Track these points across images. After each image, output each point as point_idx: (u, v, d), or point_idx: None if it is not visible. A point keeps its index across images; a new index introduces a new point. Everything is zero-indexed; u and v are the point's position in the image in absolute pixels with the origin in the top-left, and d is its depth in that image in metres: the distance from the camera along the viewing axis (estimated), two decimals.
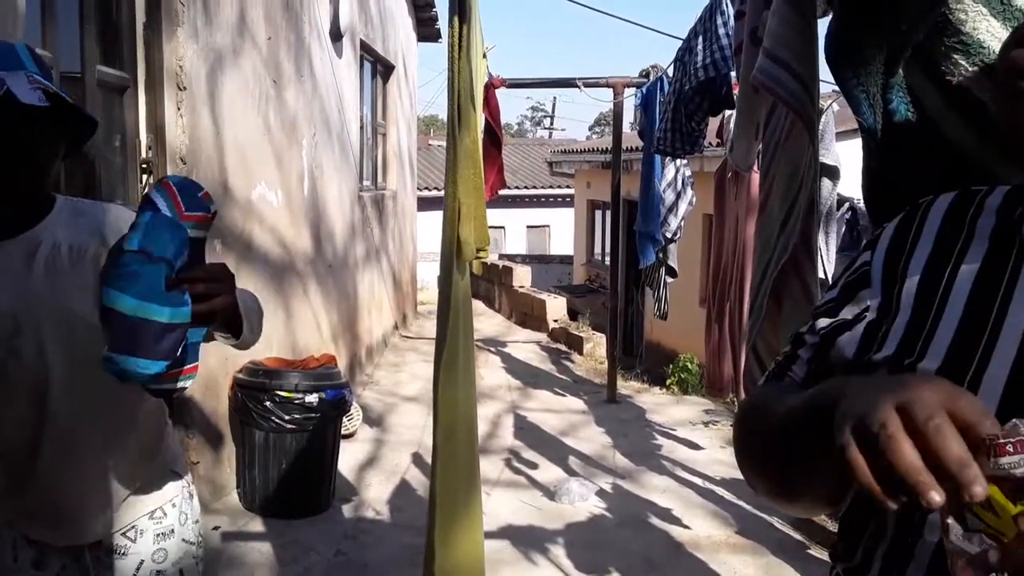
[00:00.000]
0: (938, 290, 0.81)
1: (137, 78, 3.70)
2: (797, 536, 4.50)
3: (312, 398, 4.37)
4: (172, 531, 1.76)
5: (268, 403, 4.30)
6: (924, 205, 0.88)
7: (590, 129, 50.95)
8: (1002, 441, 0.56)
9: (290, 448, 4.37)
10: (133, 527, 1.72)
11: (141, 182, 3.69)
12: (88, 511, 1.68)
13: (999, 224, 0.80)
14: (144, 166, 3.71)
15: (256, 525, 4.33)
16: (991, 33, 1.36)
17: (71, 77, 3.27)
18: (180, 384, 1.39)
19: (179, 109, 3.88)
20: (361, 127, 8.14)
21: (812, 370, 0.93)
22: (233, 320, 1.48)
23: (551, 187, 21.18)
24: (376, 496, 4.90)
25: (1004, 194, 0.82)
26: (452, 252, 2.35)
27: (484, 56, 4.33)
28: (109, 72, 3.51)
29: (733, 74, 3.64)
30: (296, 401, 4.34)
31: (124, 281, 1.29)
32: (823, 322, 0.91)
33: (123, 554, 1.71)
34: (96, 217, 1.62)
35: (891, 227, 0.89)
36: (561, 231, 20.88)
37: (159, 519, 1.75)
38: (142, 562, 1.72)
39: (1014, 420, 0.58)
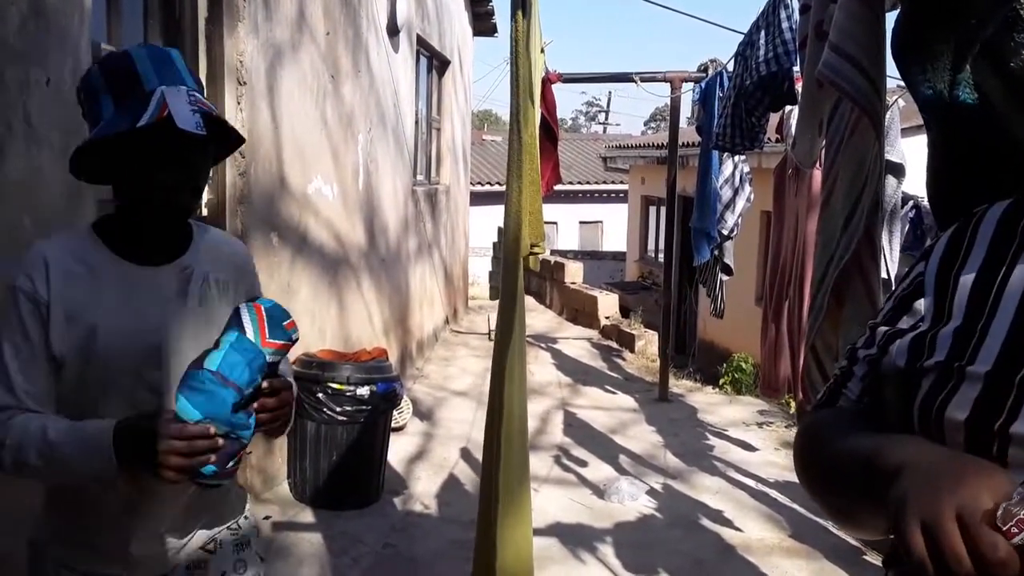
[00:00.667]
0: (990, 295, 0.79)
1: (198, 72, 3.76)
2: (852, 541, 4.40)
3: (363, 391, 4.40)
4: (248, 541, 1.76)
5: (320, 395, 4.35)
6: (978, 214, 0.86)
7: (645, 124, 50.63)
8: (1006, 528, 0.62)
9: (341, 440, 4.41)
10: (213, 539, 1.70)
11: None
12: (179, 543, 1.64)
13: None
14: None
15: (306, 516, 4.38)
16: None
17: None
18: (223, 483, 1.45)
19: (239, 103, 3.93)
20: (416, 122, 8.18)
21: (867, 386, 0.93)
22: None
23: (605, 183, 21.08)
24: (425, 490, 4.93)
25: None
26: (516, 247, 2.34)
27: (542, 51, 4.31)
28: None
29: (796, 69, 3.56)
30: (348, 393, 4.38)
31: (197, 396, 1.37)
32: (878, 333, 0.89)
33: (204, 567, 1.68)
34: (231, 251, 1.68)
35: (945, 237, 0.88)
36: (614, 227, 20.77)
37: (235, 530, 1.74)
38: (224, 573, 1.70)
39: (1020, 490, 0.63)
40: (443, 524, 4.46)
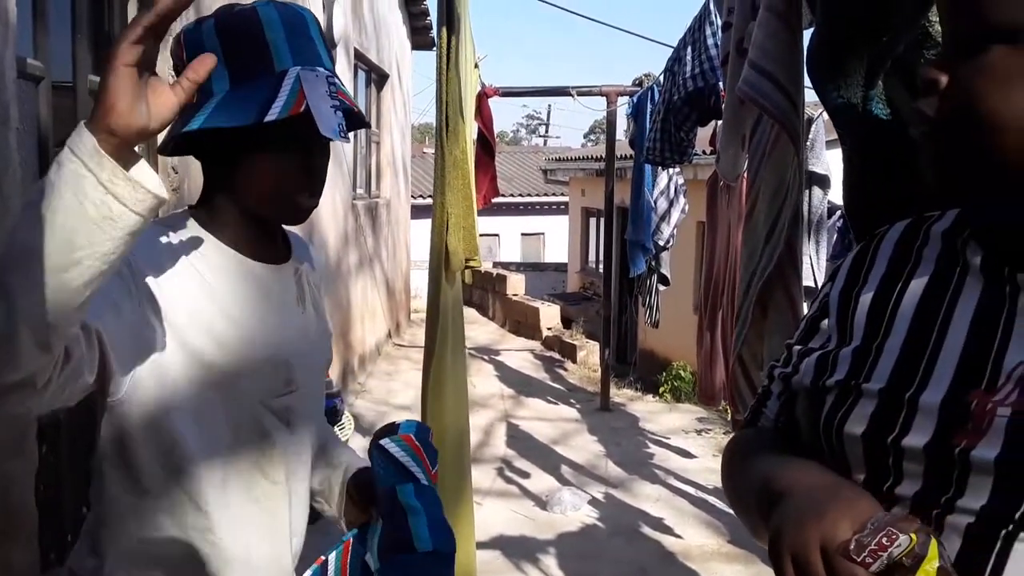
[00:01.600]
0: (886, 313, 0.82)
1: None
2: None
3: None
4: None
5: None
6: (879, 235, 0.90)
7: (585, 137, 51.10)
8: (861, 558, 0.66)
9: None
10: None
11: None
12: None
13: (944, 248, 0.81)
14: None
15: None
16: None
17: (62, 86, 3.27)
18: None
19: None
20: (355, 136, 8.15)
21: (782, 405, 0.95)
22: None
23: (546, 195, 21.20)
24: None
25: (953, 218, 0.83)
26: (440, 262, 2.36)
27: (476, 66, 4.35)
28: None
29: (721, 84, 3.65)
30: None
31: None
32: (793, 352, 0.94)
33: None
34: (308, 248, 1.43)
35: (849, 258, 0.91)
36: (556, 239, 20.88)
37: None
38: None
39: (872, 521, 0.66)
40: None
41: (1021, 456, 0.66)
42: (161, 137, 1.14)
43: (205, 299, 1.17)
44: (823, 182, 3.74)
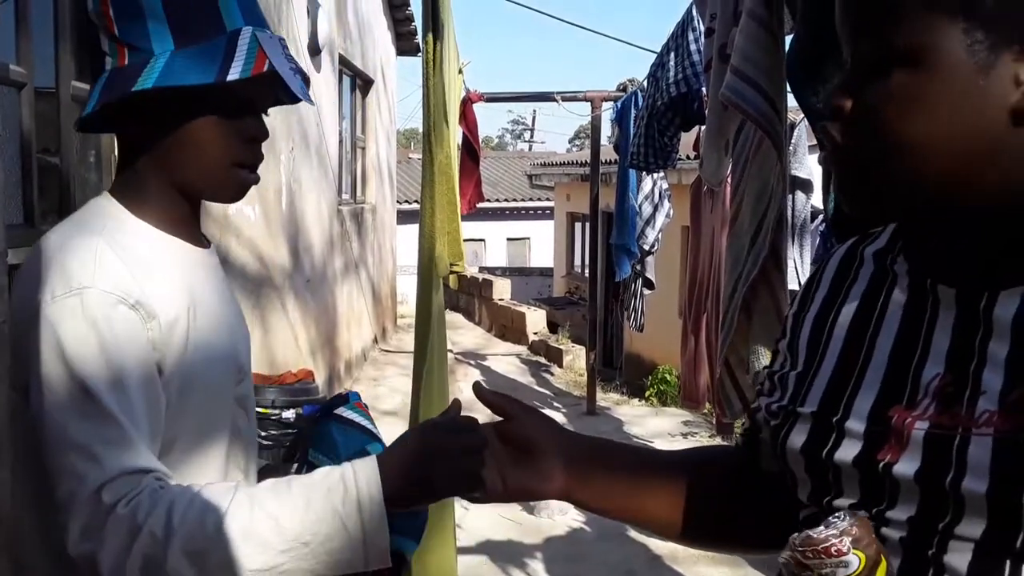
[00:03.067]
0: (823, 335, 0.83)
1: None
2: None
3: (289, 414, 4.34)
4: None
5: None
6: (831, 255, 0.91)
7: (570, 142, 51.17)
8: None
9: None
10: None
11: None
12: None
13: (876, 267, 0.82)
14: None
15: None
16: None
17: (45, 92, 3.26)
18: None
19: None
20: (340, 141, 8.14)
21: (746, 429, 0.99)
22: None
23: (531, 200, 21.23)
24: None
25: (887, 237, 0.84)
26: (430, 267, 2.36)
27: (460, 72, 4.36)
28: (84, 88, 3.49)
29: (704, 90, 3.68)
30: (272, 417, 4.31)
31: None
32: (764, 374, 0.96)
33: None
34: None
35: (806, 280, 0.93)
36: (541, 244, 20.91)
37: None
38: None
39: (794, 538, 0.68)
40: None
41: (938, 471, 0.67)
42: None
43: (180, 301, 1.06)
44: (806, 186, 3.77)
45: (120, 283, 0.99)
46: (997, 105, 0.67)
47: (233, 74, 1.02)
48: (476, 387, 1.01)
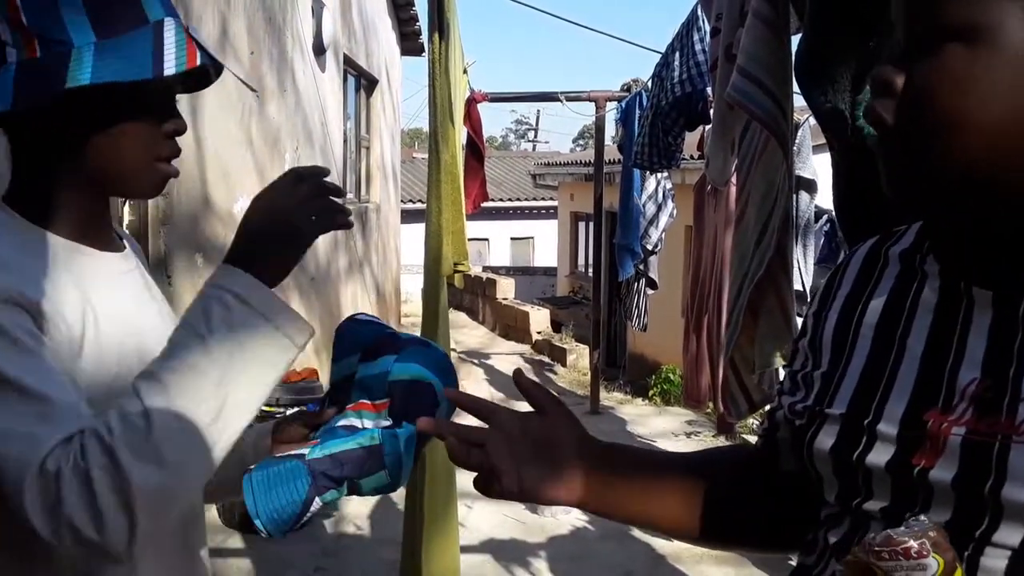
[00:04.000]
0: (848, 335, 0.82)
1: None
2: None
3: (293, 412, 4.36)
4: None
5: None
6: (852, 253, 0.89)
7: (574, 142, 51.18)
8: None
9: None
10: None
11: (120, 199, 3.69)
12: None
13: (904, 266, 0.81)
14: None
15: (235, 541, 4.31)
16: None
17: None
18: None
19: None
20: (345, 140, 8.15)
21: (766, 429, 0.97)
22: None
23: (535, 199, 21.23)
24: (356, 511, 4.89)
25: (913, 236, 0.82)
26: (437, 266, 2.37)
27: (465, 72, 4.36)
28: None
29: (709, 90, 3.67)
30: (276, 415, 4.32)
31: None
32: (784, 373, 0.95)
33: None
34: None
35: (826, 278, 0.91)
36: (545, 243, 20.90)
37: None
38: None
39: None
40: (376, 546, 4.43)
41: (976, 477, 0.66)
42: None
43: (74, 306, 0.97)
44: (810, 186, 3.77)
45: (10, 285, 0.91)
46: None
47: (169, 68, 0.97)
48: (517, 374, 0.98)
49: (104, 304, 1.01)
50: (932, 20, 0.67)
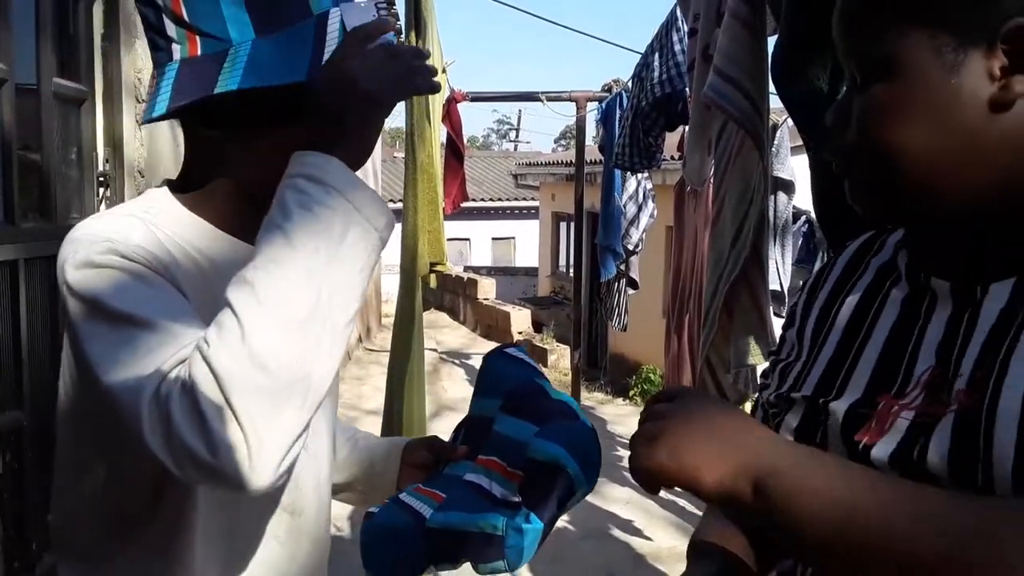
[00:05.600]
0: (825, 325, 0.86)
1: (95, 91, 3.67)
2: None
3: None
4: None
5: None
6: (846, 247, 0.93)
7: (555, 142, 51.22)
8: None
9: None
10: None
11: (98, 195, 3.66)
12: None
13: (889, 258, 0.85)
14: (101, 179, 3.67)
15: None
16: None
17: (27, 89, 3.23)
18: None
19: (138, 122, 3.85)
20: None
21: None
22: None
23: (516, 199, 21.24)
24: (337, 512, 4.85)
25: (893, 245, 0.86)
26: (412, 266, 2.36)
27: (444, 71, 4.35)
28: (66, 84, 3.47)
29: (688, 90, 3.69)
30: None
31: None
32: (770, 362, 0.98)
33: None
34: None
35: (816, 270, 0.96)
36: (526, 243, 20.92)
37: None
38: None
39: None
40: (356, 546, 4.39)
41: (911, 453, 0.70)
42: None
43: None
44: (788, 187, 3.79)
45: (147, 249, 0.88)
46: (972, 100, 0.69)
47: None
48: None
49: None
50: (859, 60, 0.75)
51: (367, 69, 0.87)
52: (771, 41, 2.19)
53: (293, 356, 0.77)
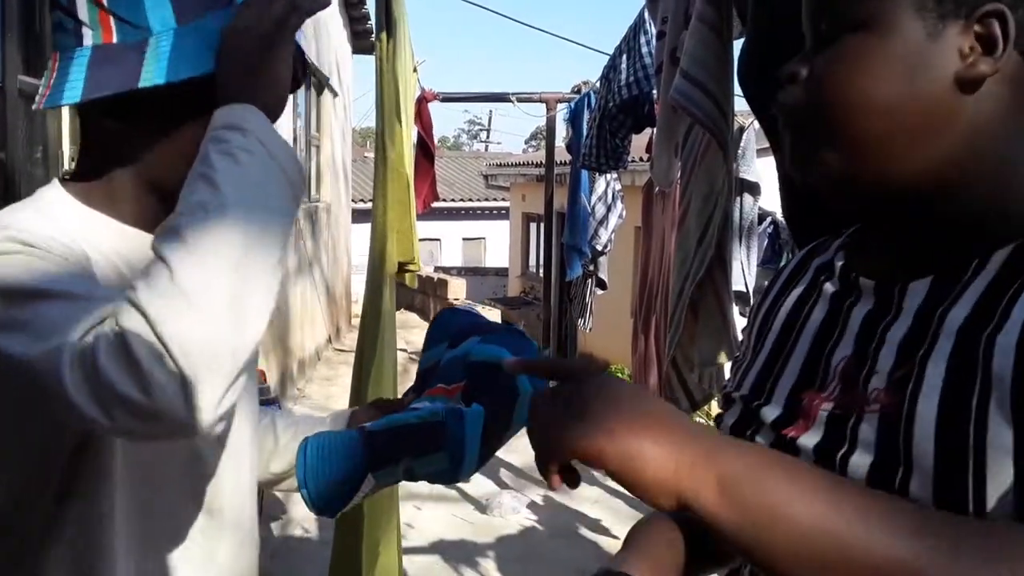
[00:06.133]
0: (768, 326, 0.89)
1: None
2: None
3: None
4: None
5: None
6: (803, 250, 0.96)
7: (526, 143, 51.15)
8: None
9: None
10: None
11: None
12: None
13: (828, 259, 0.87)
14: (66, 178, 3.63)
15: None
16: None
17: None
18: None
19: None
20: (294, 139, 8.08)
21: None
22: None
23: (487, 200, 21.23)
24: (305, 514, 4.85)
25: (835, 247, 0.88)
26: (381, 266, 2.36)
27: (415, 71, 4.35)
28: (31, 82, 3.43)
29: (655, 92, 3.72)
30: None
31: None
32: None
33: None
34: None
35: (776, 272, 0.98)
36: (497, 244, 20.92)
37: None
38: None
39: None
40: (324, 549, 4.39)
41: (832, 444, 0.72)
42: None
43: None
44: (753, 189, 3.84)
45: (47, 235, 0.86)
46: (941, 72, 0.70)
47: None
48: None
49: None
50: (834, 16, 0.75)
51: (257, 15, 0.86)
52: (738, 45, 2.22)
53: (225, 291, 0.75)
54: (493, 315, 11.66)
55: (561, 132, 8.39)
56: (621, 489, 5.06)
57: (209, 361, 0.74)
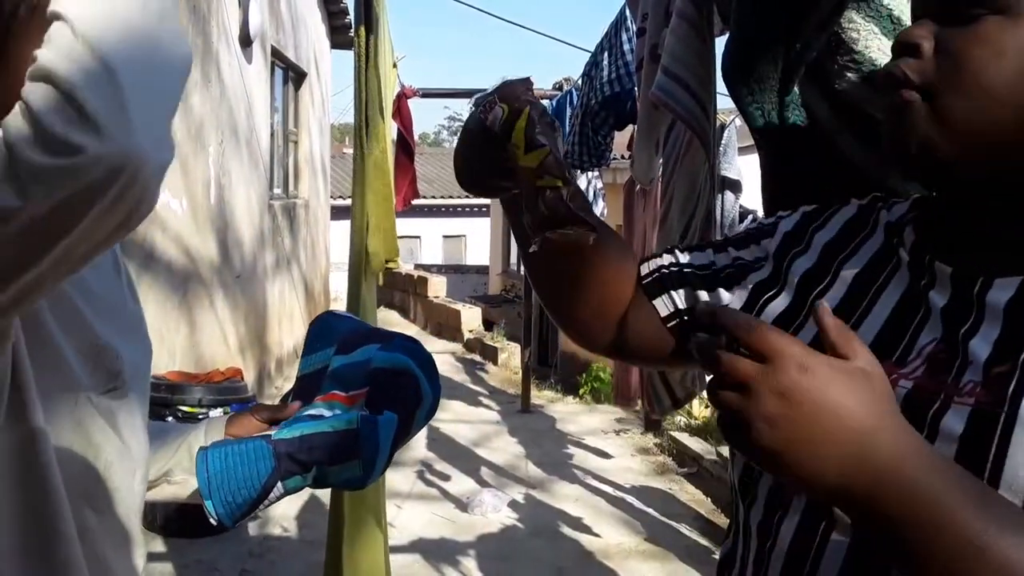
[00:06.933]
0: (823, 280, 0.85)
1: None
2: (704, 542, 4.59)
3: (216, 413, 4.26)
4: None
5: (170, 419, 4.18)
6: (836, 207, 0.92)
7: None
8: None
9: None
10: None
11: None
12: None
13: (890, 233, 0.84)
14: None
15: (157, 545, 4.20)
16: (882, 51, 1.42)
17: None
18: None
19: None
20: (272, 134, 8.01)
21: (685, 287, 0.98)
22: None
23: (467, 197, 21.19)
24: (283, 512, 4.81)
25: (908, 205, 0.86)
26: (361, 263, 2.33)
27: (394, 66, 4.32)
28: None
29: (636, 90, 3.70)
30: (200, 416, 4.22)
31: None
32: (733, 252, 0.96)
33: None
34: None
35: (800, 211, 0.94)
36: (477, 241, 20.90)
37: None
38: None
39: None
40: (303, 547, 4.37)
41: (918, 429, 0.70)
42: None
43: None
44: (735, 187, 3.83)
45: None
46: None
47: None
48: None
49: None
50: None
51: None
52: (719, 41, 2.21)
53: (136, 27, 0.68)
54: (474, 313, 11.64)
55: None
56: (602, 487, 5.06)
57: (141, 98, 0.67)
